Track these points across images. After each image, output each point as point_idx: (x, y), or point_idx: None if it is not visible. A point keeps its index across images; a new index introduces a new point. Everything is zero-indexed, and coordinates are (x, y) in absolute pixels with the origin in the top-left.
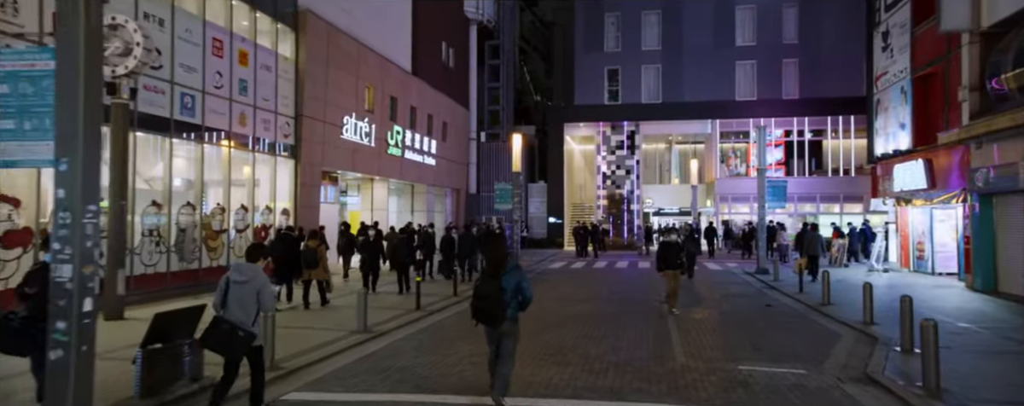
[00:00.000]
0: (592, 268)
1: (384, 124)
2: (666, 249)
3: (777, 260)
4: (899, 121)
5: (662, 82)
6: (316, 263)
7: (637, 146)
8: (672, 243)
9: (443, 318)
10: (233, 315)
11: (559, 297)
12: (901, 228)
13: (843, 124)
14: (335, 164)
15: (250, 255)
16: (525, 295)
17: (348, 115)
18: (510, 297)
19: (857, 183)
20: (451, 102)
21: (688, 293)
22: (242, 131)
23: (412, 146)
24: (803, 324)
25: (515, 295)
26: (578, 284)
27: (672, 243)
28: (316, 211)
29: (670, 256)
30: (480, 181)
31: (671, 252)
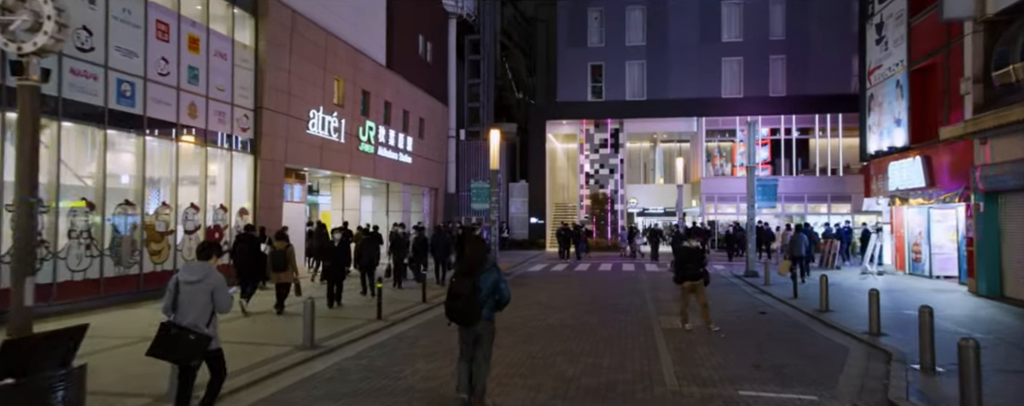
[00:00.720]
0: (574, 271)
1: (355, 119)
2: (684, 256)
3: (768, 262)
4: (894, 117)
5: (647, 79)
6: (284, 265)
7: (621, 144)
8: (691, 249)
9: (406, 329)
10: (184, 318)
11: (535, 304)
12: (896, 229)
13: (831, 122)
14: (300, 161)
15: (201, 253)
16: (502, 295)
17: (315, 109)
18: (486, 296)
19: (845, 183)
20: (429, 98)
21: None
22: (192, 123)
23: (386, 143)
24: (804, 335)
25: (491, 295)
26: (557, 289)
27: (691, 249)
28: (278, 211)
29: (689, 264)
30: (460, 180)
31: (690, 259)
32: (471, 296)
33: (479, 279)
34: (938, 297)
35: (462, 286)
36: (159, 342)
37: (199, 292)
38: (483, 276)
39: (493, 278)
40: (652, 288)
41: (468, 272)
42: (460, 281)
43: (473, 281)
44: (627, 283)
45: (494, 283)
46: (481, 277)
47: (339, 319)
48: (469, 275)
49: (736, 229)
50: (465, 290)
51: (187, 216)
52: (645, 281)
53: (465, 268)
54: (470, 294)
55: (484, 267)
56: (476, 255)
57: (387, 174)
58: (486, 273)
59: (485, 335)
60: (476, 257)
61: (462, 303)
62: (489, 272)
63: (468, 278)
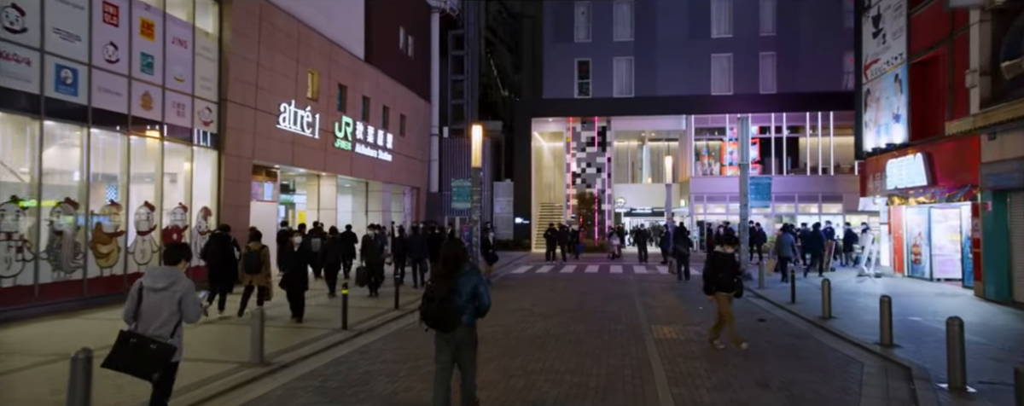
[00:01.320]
0: (560, 273)
1: (331, 114)
2: (718, 264)
3: (761, 264)
4: (893, 112)
5: (635, 75)
6: (259, 268)
7: (608, 143)
8: (724, 256)
9: (372, 341)
10: (147, 327)
11: (518, 311)
12: (894, 229)
13: (822, 120)
14: (270, 157)
15: (170, 256)
16: (482, 301)
17: (286, 102)
18: (465, 301)
19: (836, 182)
20: (410, 94)
21: (670, 303)
22: (147, 115)
23: (364, 140)
24: (809, 346)
25: (471, 300)
26: (542, 293)
27: (724, 256)
28: (245, 210)
29: (722, 273)
30: (443, 179)
31: (724, 267)
32: (447, 299)
33: (457, 282)
34: (943, 302)
35: (438, 289)
36: (117, 352)
37: (165, 300)
38: (462, 279)
39: (472, 282)
40: (641, 292)
41: (446, 275)
42: (437, 283)
43: (450, 284)
44: (615, 286)
45: (473, 287)
46: (459, 280)
47: (299, 329)
48: (446, 277)
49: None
50: (440, 294)
51: (141, 216)
52: (634, 284)
53: (442, 270)
54: (445, 297)
55: (462, 269)
56: (453, 257)
57: (365, 172)
58: (465, 276)
59: (466, 343)
60: (453, 259)
61: (437, 306)
62: (468, 275)
63: (444, 281)
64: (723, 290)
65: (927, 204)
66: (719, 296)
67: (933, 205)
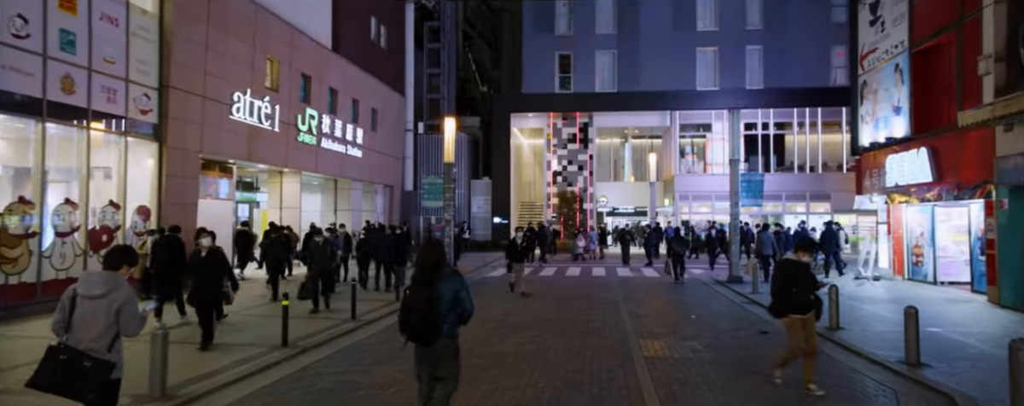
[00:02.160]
0: (538, 276)
1: (293, 106)
2: (791, 276)
3: (755, 266)
4: (892, 104)
5: (618, 69)
6: None
7: (590, 139)
8: (800, 266)
9: (314, 362)
10: (79, 341)
11: (489, 320)
12: (894, 230)
13: (810, 116)
14: (222, 151)
15: (110, 261)
16: (464, 307)
17: (241, 91)
18: (446, 309)
19: (824, 180)
20: (383, 87)
21: (658, 311)
22: (67, 100)
23: (331, 134)
24: (826, 366)
25: (452, 307)
26: (517, 299)
27: (800, 266)
28: (192, 209)
29: (798, 288)
30: (418, 177)
31: (800, 281)
32: (428, 309)
33: (437, 289)
34: (956, 309)
35: (417, 298)
36: (44, 370)
37: (101, 309)
38: (441, 285)
39: (453, 287)
40: (627, 297)
41: (424, 281)
42: (415, 292)
43: (430, 292)
44: (598, 291)
45: (454, 293)
46: (440, 286)
47: (232, 347)
48: (425, 285)
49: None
50: (420, 303)
51: (61, 215)
52: (618, 288)
53: (421, 276)
54: (427, 308)
55: (442, 274)
56: (432, 260)
57: (333, 169)
58: (445, 281)
59: (445, 355)
60: (431, 263)
61: (417, 317)
62: (448, 280)
63: (424, 289)
64: (799, 312)
65: (931, 202)
66: (793, 322)
67: (939, 203)
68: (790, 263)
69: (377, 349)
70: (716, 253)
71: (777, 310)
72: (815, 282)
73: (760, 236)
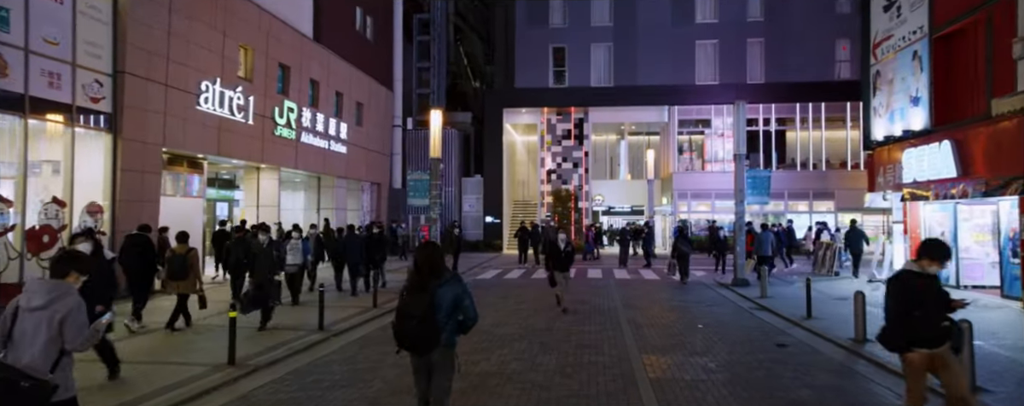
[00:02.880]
0: (531, 279)
1: (270, 98)
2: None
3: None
4: (910, 94)
5: (614, 63)
6: (185, 273)
7: (586, 136)
8: (926, 283)
9: (260, 385)
10: (20, 358)
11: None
12: (911, 229)
13: (813, 112)
14: (187, 144)
15: (57, 268)
16: (467, 314)
17: (209, 80)
18: (446, 317)
19: (828, 178)
20: (369, 80)
21: (662, 319)
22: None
23: (313, 128)
24: (862, 390)
25: (452, 314)
26: (508, 305)
27: (926, 283)
28: (153, 207)
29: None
30: (406, 174)
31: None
32: (427, 316)
33: (436, 294)
34: (990, 318)
35: (414, 304)
36: None
37: (42, 322)
38: (441, 290)
39: (454, 292)
40: (626, 304)
41: (421, 286)
42: (412, 297)
43: (429, 297)
44: (594, 297)
45: (455, 299)
46: (439, 291)
47: (165, 368)
48: (422, 289)
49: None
50: (418, 309)
51: None
52: (616, 292)
53: (417, 280)
54: (425, 314)
55: (442, 278)
56: (430, 263)
57: (314, 165)
58: (445, 286)
59: (442, 366)
60: (430, 266)
61: (416, 326)
62: (449, 285)
63: (421, 293)
64: (926, 345)
65: (954, 199)
66: (917, 360)
67: (962, 201)
68: (911, 276)
69: (337, 369)
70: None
71: (893, 342)
72: (948, 302)
73: (759, 236)
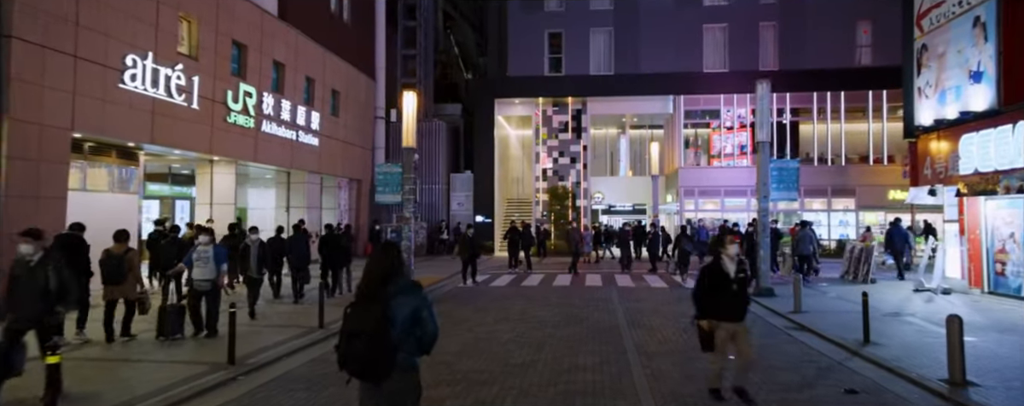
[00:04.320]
0: (521, 286)
1: (222, 79)
2: None
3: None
4: (969, 69)
5: (614, 49)
6: (122, 277)
7: (584, 128)
8: None
9: None
10: None
11: (436, 366)
12: (969, 229)
13: (832, 101)
14: (107, 130)
15: None
16: (427, 330)
17: (138, 54)
18: (403, 333)
19: (848, 173)
20: (347, 66)
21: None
22: None
23: (277, 116)
24: None
25: (411, 330)
26: (488, 322)
27: None
28: (55, 204)
29: None
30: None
31: None
32: (378, 334)
33: (390, 306)
34: None
35: (362, 319)
36: None
37: None
38: (396, 301)
39: (412, 304)
40: (631, 321)
41: (370, 296)
42: (359, 310)
43: (380, 310)
44: (593, 310)
45: (413, 312)
46: (393, 303)
47: None
48: (372, 300)
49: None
50: (368, 325)
51: None
52: (619, 306)
53: (367, 290)
54: (376, 331)
55: (398, 286)
56: (383, 268)
57: (279, 158)
58: (401, 296)
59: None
60: (383, 271)
61: (364, 345)
62: (408, 295)
63: (372, 305)
64: None
65: (1018, 196)
66: None
67: None
68: None
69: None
70: None
71: None
72: None
73: (799, 233)
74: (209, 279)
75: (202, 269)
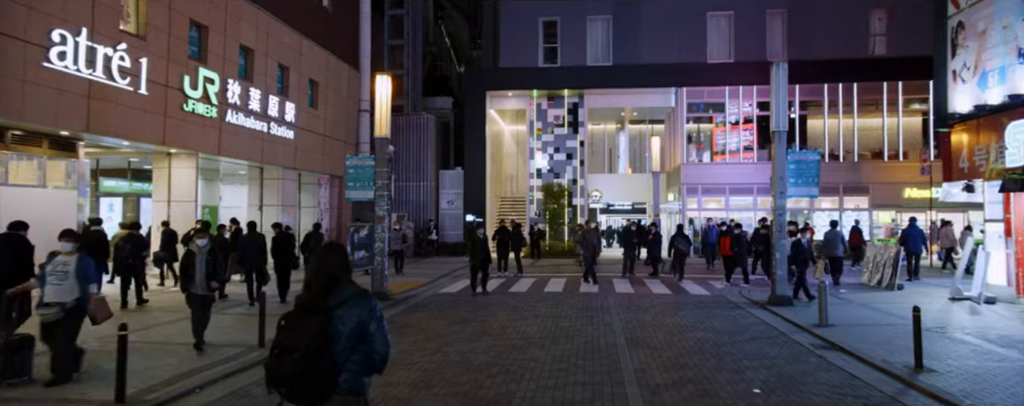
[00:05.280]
0: (506, 293)
1: (178, 63)
2: None
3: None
4: (1017, 47)
5: (613, 39)
6: None
7: (581, 123)
8: None
9: None
10: None
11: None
12: (1017, 231)
13: (844, 94)
14: (28, 115)
15: None
16: (374, 347)
17: (68, 30)
18: (347, 350)
19: (861, 170)
20: (327, 55)
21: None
22: None
23: (245, 106)
24: None
25: (356, 347)
26: (459, 339)
27: None
28: None
29: None
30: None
31: None
32: (316, 351)
33: (331, 319)
34: None
35: (298, 332)
36: None
37: None
38: (339, 313)
39: (358, 317)
40: (633, 340)
41: (310, 306)
42: (295, 323)
43: (320, 322)
44: (586, 323)
45: (359, 326)
46: (335, 315)
47: None
48: (312, 311)
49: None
50: (304, 340)
51: None
52: (617, 318)
53: (306, 299)
54: (313, 347)
55: (342, 296)
56: (325, 274)
57: (248, 152)
58: (345, 307)
59: None
60: (325, 278)
61: (297, 363)
62: (354, 306)
63: (309, 317)
64: None
65: None
66: None
67: None
68: None
69: None
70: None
71: None
72: None
73: (828, 233)
74: (60, 302)
75: (55, 289)
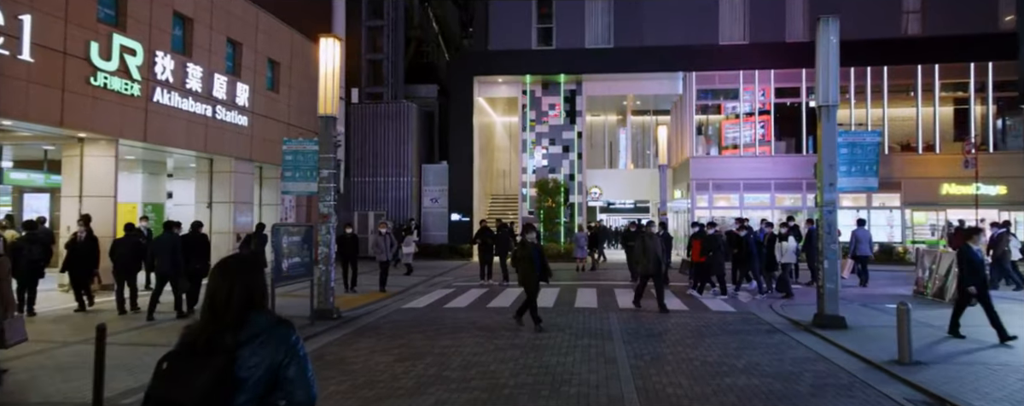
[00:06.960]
0: (486, 308)
1: (80, 26)
2: None
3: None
4: None
5: (614, 18)
6: None
7: (579, 112)
8: None
9: None
10: None
11: None
12: None
13: (873, 79)
14: None
15: None
16: (294, 397)
17: None
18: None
19: (892, 164)
20: (291, 33)
21: None
22: None
23: (182, 85)
24: None
25: (266, 399)
26: (402, 383)
27: None
28: None
29: None
30: (354, 162)
31: None
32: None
33: (235, 358)
34: None
35: (186, 381)
36: None
37: None
38: (247, 352)
39: (270, 358)
40: (647, 391)
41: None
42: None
43: (217, 367)
44: (581, 357)
45: (272, 369)
46: (244, 352)
47: None
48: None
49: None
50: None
51: None
52: (620, 346)
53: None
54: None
55: (250, 329)
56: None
57: (186, 139)
58: (256, 344)
59: None
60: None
61: None
62: (268, 343)
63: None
64: None
65: None
66: None
67: None
68: None
69: None
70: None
71: None
72: None
73: (855, 232)
74: None
75: None
